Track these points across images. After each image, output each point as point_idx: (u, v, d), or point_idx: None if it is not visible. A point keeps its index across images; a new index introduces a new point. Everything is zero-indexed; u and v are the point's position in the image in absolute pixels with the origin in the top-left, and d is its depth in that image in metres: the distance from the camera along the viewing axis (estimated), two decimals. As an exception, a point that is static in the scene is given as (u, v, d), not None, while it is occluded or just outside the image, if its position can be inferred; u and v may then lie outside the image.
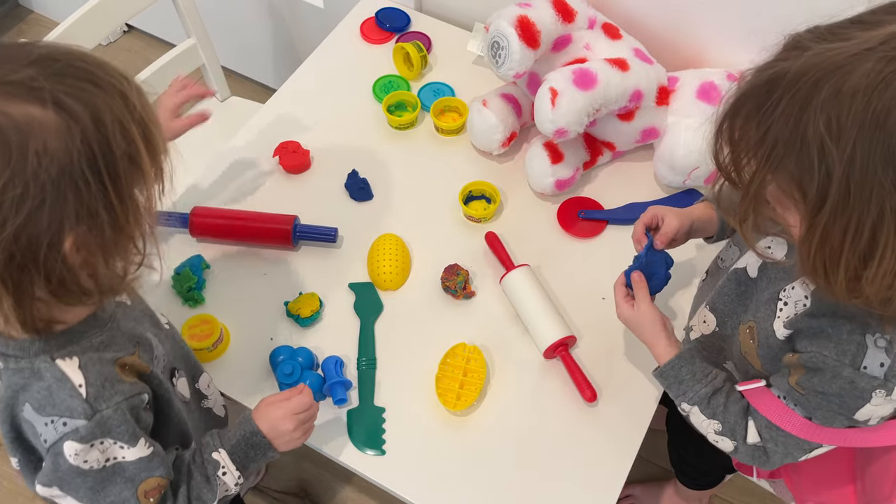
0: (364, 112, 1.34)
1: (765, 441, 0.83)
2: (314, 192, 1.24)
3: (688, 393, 0.87)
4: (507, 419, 1.03)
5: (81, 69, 0.63)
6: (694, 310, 1.02)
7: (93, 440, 0.72)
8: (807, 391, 0.77)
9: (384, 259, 1.14)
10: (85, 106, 0.61)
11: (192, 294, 1.12)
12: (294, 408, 0.89)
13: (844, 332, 0.72)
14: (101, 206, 0.63)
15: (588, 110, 1.10)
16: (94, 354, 0.73)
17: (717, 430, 0.86)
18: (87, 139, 0.61)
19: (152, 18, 2.11)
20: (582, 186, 1.25)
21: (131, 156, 0.64)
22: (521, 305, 1.09)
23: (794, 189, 0.64)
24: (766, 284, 0.83)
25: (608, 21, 1.23)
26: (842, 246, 0.63)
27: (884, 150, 0.58)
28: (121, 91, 0.64)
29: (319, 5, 1.69)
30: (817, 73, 0.60)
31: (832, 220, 0.62)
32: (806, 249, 0.66)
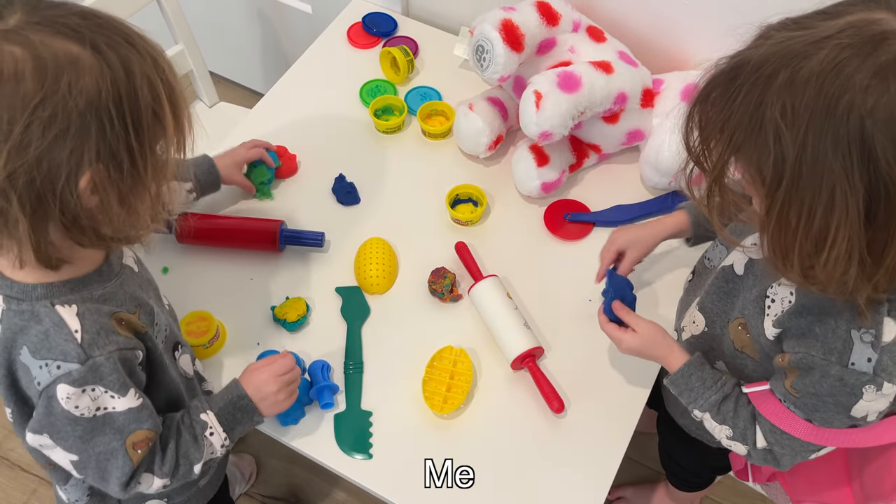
0: (351, 116, 1.34)
1: (771, 445, 0.84)
2: (301, 197, 1.24)
3: (698, 400, 0.88)
4: (494, 422, 1.03)
5: (120, 29, 0.68)
6: (681, 310, 1.03)
7: (84, 385, 0.74)
8: (801, 394, 0.78)
9: (371, 263, 1.14)
10: (119, 56, 0.65)
11: (263, 188, 1.21)
12: (276, 370, 0.92)
13: (830, 330, 0.73)
14: (122, 147, 0.66)
15: (573, 113, 1.11)
16: (92, 305, 0.75)
17: (728, 435, 0.87)
18: (116, 83, 0.65)
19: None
20: (568, 189, 1.26)
21: (156, 111, 0.68)
22: (487, 318, 1.09)
23: (754, 172, 0.66)
24: (754, 282, 0.84)
25: (593, 24, 1.24)
26: (796, 230, 0.64)
27: (833, 135, 0.59)
28: (153, 56, 0.69)
29: (307, 10, 1.70)
30: (777, 61, 0.62)
31: (787, 202, 0.64)
32: (766, 232, 0.68)
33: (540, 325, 1.11)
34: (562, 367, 1.07)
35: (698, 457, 1.18)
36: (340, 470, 1.00)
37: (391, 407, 1.04)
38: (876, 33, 0.59)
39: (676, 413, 1.09)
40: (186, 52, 1.50)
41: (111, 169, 0.67)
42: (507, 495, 0.98)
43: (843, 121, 0.59)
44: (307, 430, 1.02)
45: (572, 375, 1.07)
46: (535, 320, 1.11)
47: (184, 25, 1.46)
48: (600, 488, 0.98)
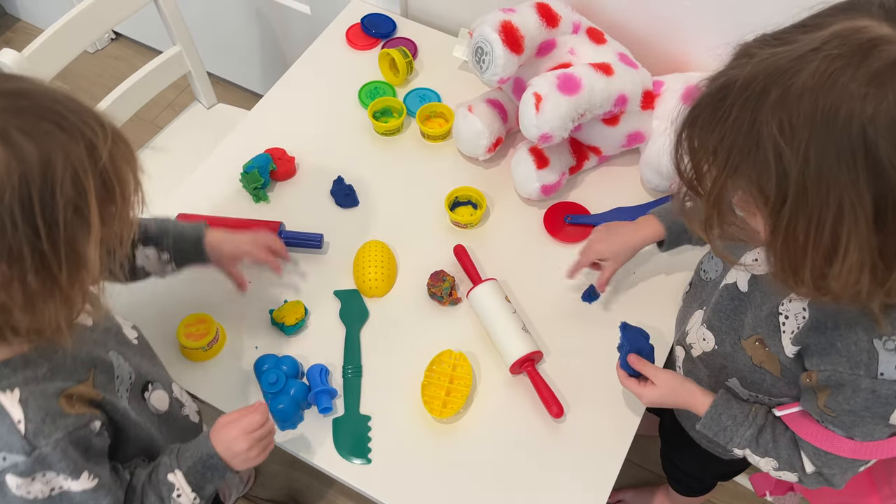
0: (350, 118, 1.33)
1: (819, 468, 0.83)
2: (300, 199, 1.23)
3: (734, 438, 0.87)
4: (494, 426, 1.03)
5: (49, 109, 0.61)
6: (680, 322, 1.01)
7: (33, 474, 0.71)
8: (837, 412, 0.77)
9: (370, 266, 1.13)
10: (37, 147, 0.59)
11: (258, 192, 1.20)
12: (246, 427, 0.86)
13: (852, 343, 0.72)
14: (26, 250, 0.61)
15: (573, 115, 1.10)
16: (36, 388, 0.71)
17: (774, 466, 0.86)
18: (26, 180, 0.59)
19: (140, 26, 2.11)
20: (568, 191, 1.25)
21: (77, 207, 0.62)
22: (486, 322, 1.09)
23: (755, 192, 0.64)
24: (762, 299, 0.83)
25: (593, 26, 1.23)
26: (805, 245, 0.63)
27: (836, 147, 0.58)
28: (89, 139, 0.62)
29: (306, 11, 1.69)
30: (766, 78, 0.61)
31: (793, 219, 0.62)
32: (772, 252, 0.66)
33: (539, 329, 1.10)
34: (561, 371, 1.07)
35: (703, 463, 1.17)
36: (339, 474, 0.99)
37: (390, 411, 1.03)
38: (864, 41, 0.58)
39: (688, 425, 1.08)
40: (184, 54, 1.49)
41: (14, 270, 0.61)
42: (507, 499, 0.97)
43: (844, 131, 0.58)
44: (305, 434, 1.01)
45: (571, 380, 1.06)
46: (534, 324, 1.11)
47: (182, 27, 1.46)
48: (600, 493, 0.97)
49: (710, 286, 0.93)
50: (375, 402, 1.04)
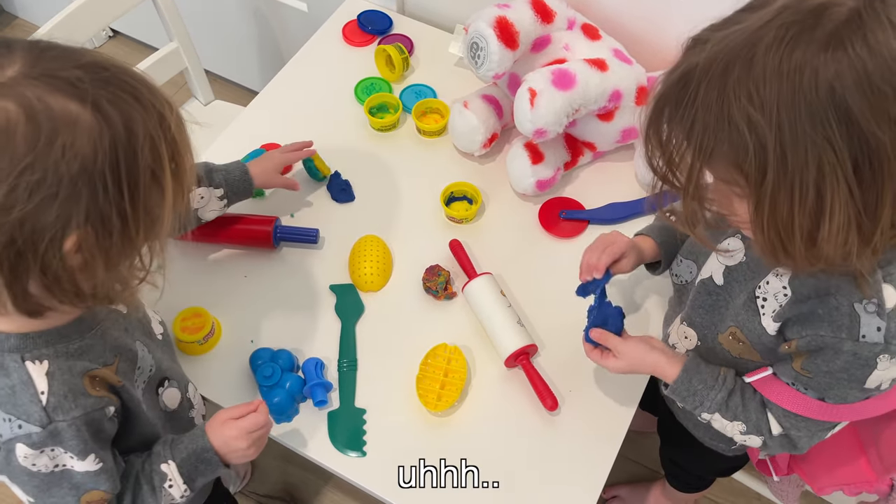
0: (346, 114, 1.34)
1: (787, 430, 0.83)
2: (296, 194, 1.24)
3: (704, 402, 0.87)
4: (488, 419, 1.03)
5: (126, 83, 0.65)
6: (666, 326, 1.02)
7: (44, 447, 0.72)
8: (813, 373, 0.77)
9: (365, 260, 1.14)
10: (121, 114, 0.63)
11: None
12: (248, 427, 0.87)
13: (833, 308, 0.72)
14: (114, 212, 0.64)
15: (567, 110, 1.10)
16: (64, 363, 0.73)
17: (742, 430, 0.86)
18: (115, 146, 0.62)
19: (137, 23, 2.11)
20: (563, 187, 1.25)
21: (155, 172, 0.66)
22: (481, 315, 1.09)
23: (733, 171, 0.65)
24: (739, 289, 0.83)
25: (587, 22, 1.24)
26: (791, 212, 0.63)
27: (808, 110, 0.59)
28: (160, 111, 0.66)
29: (303, 8, 1.69)
30: (725, 56, 0.62)
31: (776, 189, 0.63)
32: (759, 228, 0.67)
33: (534, 323, 1.11)
34: (556, 364, 1.07)
35: (703, 460, 1.17)
36: (334, 468, 1.00)
37: (385, 405, 1.04)
38: (813, 6, 0.60)
39: (690, 424, 1.08)
40: (181, 50, 1.50)
41: (100, 232, 0.64)
42: (501, 493, 0.98)
43: (812, 94, 0.59)
44: (301, 427, 1.02)
45: (566, 373, 1.07)
46: (528, 318, 1.11)
47: (179, 23, 1.46)
48: (594, 486, 0.98)
49: (687, 288, 0.94)
50: (371, 396, 1.05)
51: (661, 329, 1.05)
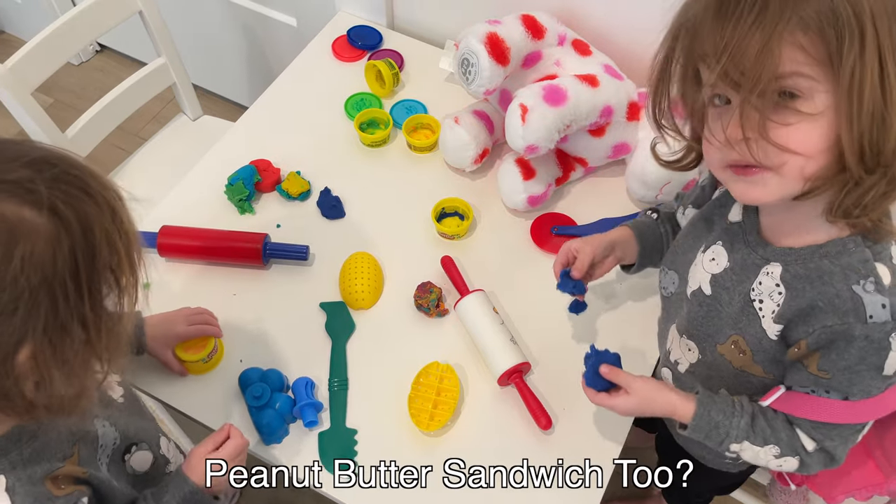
0: (336, 130, 1.33)
1: (820, 442, 0.79)
2: (285, 211, 1.22)
3: (730, 432, 0.81)
4: (482, 439, 1.02)
5: (76, 177, 0.61)
6: (661, 342, 0.99)
7: None
8: (831, 372, 0.73)
9: (356, 278, 1.12)
10: (77, 214, 0.59)
11: (243, 204, 1.20)
12: (231, 455, 0.86)
13: (834, 296, 0.71)
14: (75, 320, 0.60)
15: (558, 126, 1.10)
16: (23, 472, 0.69)
17: (776, 454, 0.81)
18: (74, 250, 0.59)
19: (125, 38, 2.10)
20: (555, 202, 1.25)
21: (113, 269, 0.63)
22: (474, 333, 1.08)
23: (818, 42, 0.60)
24: (729, 296, 0.82)
25: (578, 38, 1.24)
26: (883, 85, 0.59)
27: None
28: (111, 203, 0.63)
29: (292, 23, 1.69)
30: None
31: (871, 60, 0.59)
32: (848, 123, 0.61)
33: (527, 340, 1.10)
34: (549, 382, 1.06)
35: (703, 479, 1.14)
36: (325, 489, 0.98)
37: (377, 424, 1.02)
38: None
39: (694, 447, 1.05)
40: (169, 66, 1.49)
41: (58, 343, 0.60)
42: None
43: None
44: (290, 448, 1.00)
45: (560, 391, 1.05)
46: (521, 335, 1.10)
47: (167, 38, 1.45)
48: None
49: (674, 299, 0.92)
50: (362, 416, 1.03)
51: (658, 347, 1.03)
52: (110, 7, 1.35)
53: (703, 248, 0.86)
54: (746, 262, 0.80)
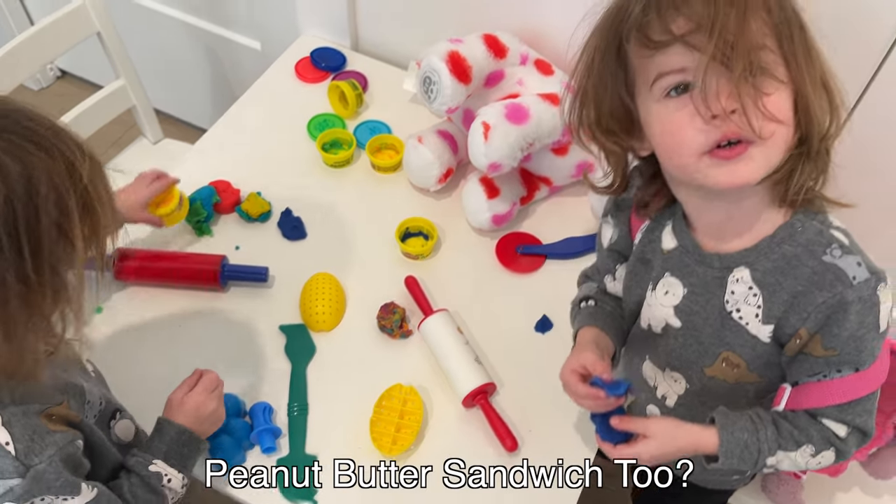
0: (298, 151, 1.31)
1: (850, 423, 0.76)
2: (245, 233, 1.20)
3: (761, 448, 0.76)
4: (447, 462, 0.99)
5: (28, 129, 0.60)
6: (639, 383, 0.93)
7: (31, 498, 0.67)
8: (838, 347, 0.72)
9: (317, 299, 1.10)
10: (19, 166, 0.58)
11: (201, 226, 1.18)
12: (208, 387, 0.90)
13: (811, 274, 0.70)
14: (12, 275, 0.58)
15: (521, 144, 1.10)
16: (16, 408, 0.68)
17: (812, 453, 0.77)
18: (10, 200, 0.57)
19: (85, 63, 2.08)
20: (520, 222, 1.24)
21: (62, 227, 0.61)
22: (438, 353, 1.06)
23: (770, 16, 0.65)
24: (703, 319, 0.79)
25: (540, 57, 1.24)
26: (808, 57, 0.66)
27: None
28: (68, 159, 0.61)
29: (256, 47, 1.68)
30: None
31: (800, 36, 0.65)
32: (811, 94, 0.66)
33: (492, 360, 1.08)
34: (515, 402, 1.04)
35: (690, 500, 1.11)
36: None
37: (337, 450, 0.99)
38: None
39: (680, 471, 0.96)
40: (128, 88, 1.46)
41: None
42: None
43: None
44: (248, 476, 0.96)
45: (526, 412, 1.03)
46: (486, 355, 1.08)
47: (125, 60, 1.43)
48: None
49: (635, 339, 0.90)
50: (322, 441, 1.00)
51: (633, 394, 0.96)
52: (67, 28, 1.33)
53: (652, 287, 0.83)
54: (706, 279, 0.78)
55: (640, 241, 0.85)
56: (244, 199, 1.21)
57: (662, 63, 0.66)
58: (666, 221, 0.82)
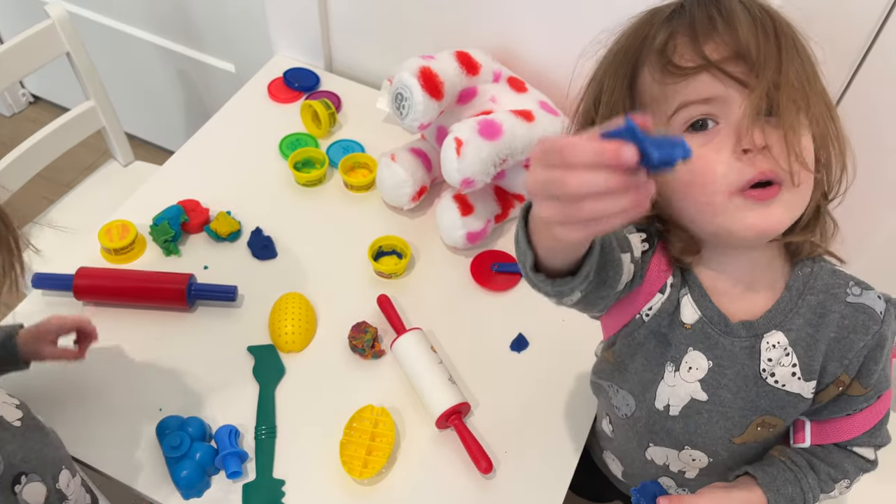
0: (270, 170, 1.29)
1: (878, 444, 0.76)
2: (214, 252, 1.17)
3: (806, 497, 0.75)
4: (419, 485, 0.95)
5: None
6: (641, 468, 0.87)
7: None
8: (872, 383, 0.71)
9: (286, 319, 1.07)
10: None
11: (169, 245, 1.14)
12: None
13: (840, 319, 0.69)
14: None
15: (494, 160, 1.08)
16: None
17: (848, 484, 0.77)
18: None
19: (58, 88, 2.06)
20: (495, 240, 1.22)
21: None
22: (411, 373, 1.03)
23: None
24: (732, 392, 0.72)
25: (513, 75, 1.24)
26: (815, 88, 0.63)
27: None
28: None
29: (230, 69, 1.67)
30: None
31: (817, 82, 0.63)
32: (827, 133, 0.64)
33: (466, 380, 1.05)
34: (490, 423, 1.01)
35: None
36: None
37: (306, 474, 0.95)
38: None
39: None
40: (98, 109, 1.44)
41: None
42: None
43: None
44: (212, 503, 0.92)
45: (501, 433, 1.00)
46: (461, 375, 1.05)
47: (96, 82, 1.41)
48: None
49: (639, 421, 0.81)
50: (290, 465, 0.96)
51: (626, 465, 0.92)
52: (35, 47, 1.31)
53: (673, 368, 0.74)
54: (733, 350, 0.71)
55: (655, 313, 0.73)
56: (213, 219, 1.18)
57: (688, 92, 0.61)
58: (681, 292, 0.72)
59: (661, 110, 0.63)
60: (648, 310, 0.73)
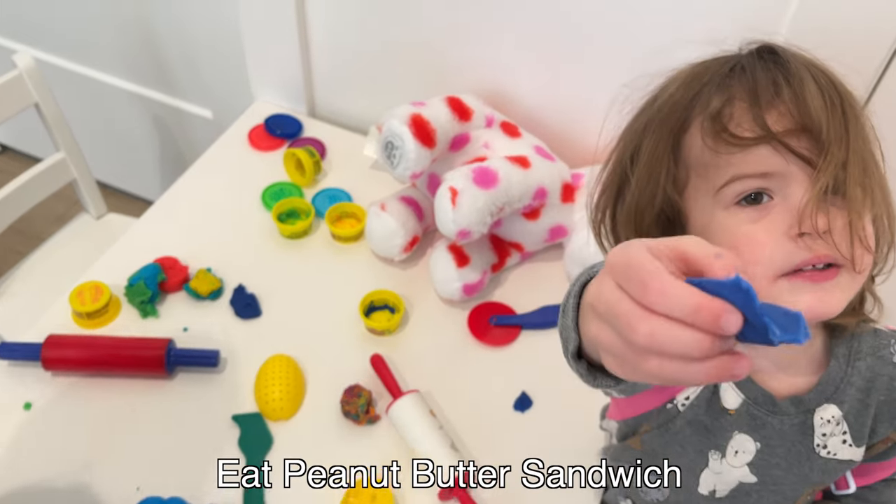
0: (253, 222, 1.23)
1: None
2: (194, 312, 1.10)
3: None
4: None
5: None
6: None
7: None
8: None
9: (273, 384, 1.00)
10: None
11: (146, 307, 1.08)
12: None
13: (888, 380, 0.66)
14: None
15: (491, 209, 1.03)
16: None
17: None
18: None
19: (28, 137, 1.98)
20: (492, 291, 1.17)
21: None
22: (409, 440, 0.96)
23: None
24: (785, 468, 0.68)
25: (507, 120, 1.20)
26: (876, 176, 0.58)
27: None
28: None
29: (207, 116, 1.61)
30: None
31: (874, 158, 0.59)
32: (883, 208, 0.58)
33: (469, 445, 0.98)
34: (496, 491, 0.94)
35: None
36: None
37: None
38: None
39: None
40: (69, 161, 1.37)
41: None
42: None
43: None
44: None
45: (508, 498, 0.93)
46: (463, 440, 0.99)
47: (66, 132, 1.34)
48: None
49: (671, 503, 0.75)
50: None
51: None
52: (2, 98, 1.24)
53: (719, 456, 0.69)
54: (782, 429, 0.67)
55: (692, 402, 0.68)
56: (193, 277, 1.11)
57: (744, 164, 0.56)
58: None
59: (710, 179, 0.58)
60: (686, 399, 0.67)
